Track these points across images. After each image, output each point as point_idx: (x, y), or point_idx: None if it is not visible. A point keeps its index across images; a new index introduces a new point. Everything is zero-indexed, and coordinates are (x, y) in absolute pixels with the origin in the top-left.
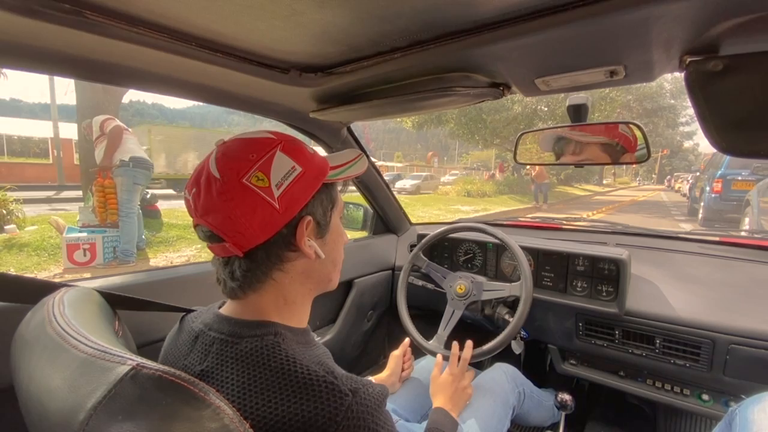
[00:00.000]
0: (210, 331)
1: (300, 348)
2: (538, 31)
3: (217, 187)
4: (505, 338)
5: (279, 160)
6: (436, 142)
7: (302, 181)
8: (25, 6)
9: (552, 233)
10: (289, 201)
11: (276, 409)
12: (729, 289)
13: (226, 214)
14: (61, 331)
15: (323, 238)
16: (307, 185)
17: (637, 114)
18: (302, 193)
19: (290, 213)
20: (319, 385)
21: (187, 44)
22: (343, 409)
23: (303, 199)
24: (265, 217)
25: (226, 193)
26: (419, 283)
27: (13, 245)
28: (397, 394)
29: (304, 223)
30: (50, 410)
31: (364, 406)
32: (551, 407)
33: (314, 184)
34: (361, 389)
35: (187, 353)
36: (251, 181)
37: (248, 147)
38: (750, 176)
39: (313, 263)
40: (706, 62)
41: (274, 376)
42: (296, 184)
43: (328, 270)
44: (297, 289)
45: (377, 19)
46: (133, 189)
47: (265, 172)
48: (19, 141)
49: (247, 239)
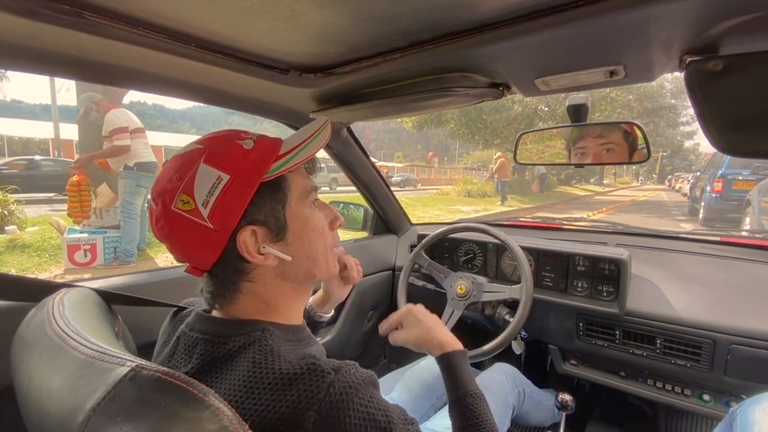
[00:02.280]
0: (192, 332)
1: (287, 345)
2: (537, 31)
3: (155, 218)
4: (505, 339)
5: (202, 174)
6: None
7: (232, 190)
8: (25, 7)
9: (552, 233)
10: (222, 215)
11: (262, 403)
12: (730, 289)
13: (171, 243)
14: (60, 332)
15: (284, 239)
16: (239, 192)
17: (638, 114)
18: (235, 202)
19: (228, 228)
20: (301, 369)
21: (186, 45)
22: (325, 385)
23: (238, 209)
24: (203, 239)
25: (161, 222)
26: (419, 284)
27: (14, 246)
28: (398, 394)
29: (246, 235)
30: (49, 411)
31: (348, 382)
32: (551, 407)
33: (248, 188)
34: (344, 368)
35: (170, 354)
36: (178, 207)
37: (174, 168)
38: (751, 176)
39: (284, 266)
40: (705, 62)
41: (258, 372)
42: (225, 195)
43: (306, 267)
44: (275, 291)
45: (377, 20)
46: (137, 191)
47: (188, 193)
48: (20, 142)
49: (198, 262)
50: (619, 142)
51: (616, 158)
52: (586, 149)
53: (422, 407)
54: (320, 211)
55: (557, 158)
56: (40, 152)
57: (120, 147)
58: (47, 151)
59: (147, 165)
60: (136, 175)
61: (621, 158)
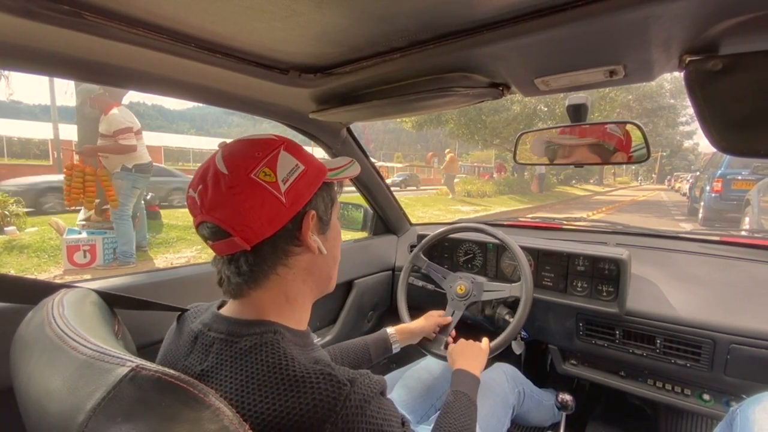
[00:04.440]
0: (210, 331)
1: (297, 349)
2: (537, 31)
3: (226, 181)
4: (505, 339)
5: (283, 158)
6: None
7: (305, 179)
8: (24, 7)
9: (552, 233)
10: (295, 196)
11: (274, 405)
12: (729, 289)
13: (234, 208)
14: (60, 332)
15: (325, 234)
16: (309, 182)
17: (637, 113)
18: (306, 189)
19: (296, 207)
20: (317, 377)
21: (186, 45)
22: (342, 398)
23: (307, 195)
24: (273, 210)
25: (235, 187)
26: (419, 284)
27: (13, 247)
28: (398, 394)
29: (309, 218)
30: (49, 412)
31: (363, 394)
32: (551, 407)
33: (316, 181)
34: (359, 378)
35: (187, 354)
36: (259, 176)
37: (253, 146)
38: (750, 176)
39: (316, 259)
40: (705, 62)
41: (271, 373)
42: (300, 180)
43: (329, 266)
44: (299, 286)
45: (376, 20)
46: (131, 193)
47: (271, 168)
48: (19, 142)
49: (255, 233)
50: (618, 142)
51: (616, 158)
52: (586, 149)
53: (422, 407)
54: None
55: (557, 158)
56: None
57: (128, 146)
58: (46, 152)
59: (145, 166)
60: (133, 177)
61: (621, 158)
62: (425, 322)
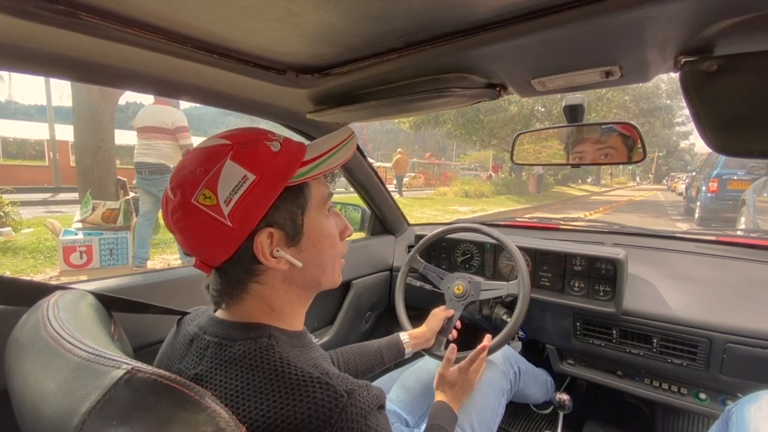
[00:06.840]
0: (205, 334)
1: (295, 351)
2: (533, 31)
3: (172, 208)
4: (503, 338)
5: (228, 171)
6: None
7: (256, 191)
8: (19, 7)
9: (549, 233)
10: (243, 215)
11: (269, 411)
12: (725, 289)
13: (183, 235)
14: (55, 334)
15: (297, 245)
16: (263, 194)
17: (634, 114)
18: (257, 204)
19: (247, 228)
20: (314, 385)
21: (182, 46)
22: (338, 410)
23: (260, 211)
24: (220, 236)
25: (178, 213)
26: (417, 284)
27: (8, 248)
28: (396, 395)
29: (263, 238)
30: (44, 415)
31: (360, 408)
32: (545, 382)
33: (272, 191)
34: (357, 390)
35: (182, 357)
36: (199, 201)
37: (198, 160)
38: (746, 176)
39: (293, 271)
40: (700, 62)
41: (267, 379)
42: (249, 195)
43: (314, 275)
44: (281, 296)
45: (373, 20)
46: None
47: (211, 188)
48: (15, 143)
49: (211, 258)
50: (615, 143)
51: (613, 158)
52: (583, 150)
53: (420, 407)
54: (333, 219)
55: (554, 158)
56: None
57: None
58: (42, 152)
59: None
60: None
61: (617, 158)
62: (433, 321)
